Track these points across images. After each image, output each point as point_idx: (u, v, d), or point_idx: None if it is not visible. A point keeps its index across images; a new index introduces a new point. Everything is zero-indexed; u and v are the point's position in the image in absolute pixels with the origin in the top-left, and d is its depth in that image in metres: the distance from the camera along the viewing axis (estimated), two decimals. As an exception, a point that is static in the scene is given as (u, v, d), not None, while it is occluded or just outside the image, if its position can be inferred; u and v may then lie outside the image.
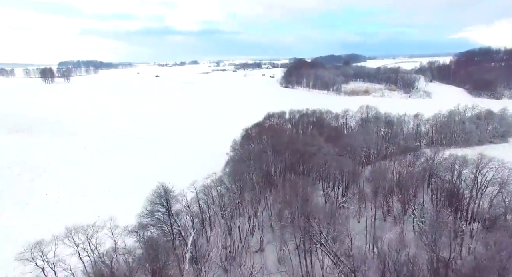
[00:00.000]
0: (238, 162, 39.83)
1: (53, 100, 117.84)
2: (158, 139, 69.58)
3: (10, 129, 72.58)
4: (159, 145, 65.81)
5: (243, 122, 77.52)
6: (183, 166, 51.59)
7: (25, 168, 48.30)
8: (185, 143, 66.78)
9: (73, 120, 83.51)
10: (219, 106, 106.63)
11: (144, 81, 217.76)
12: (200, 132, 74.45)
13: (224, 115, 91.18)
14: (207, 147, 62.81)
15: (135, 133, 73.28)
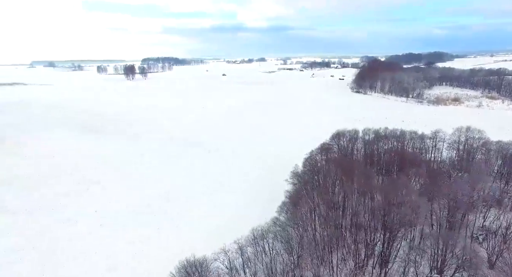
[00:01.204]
0: (298, 206, 32.89)
1: (126, 97, 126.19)
2: (215, 146, 66.23)
3: (83, 128, 77.74)
4: (216, 153, 62.27)
5: (309, 132, 69.79)
6: (234, 187, 46.54)
7: (80, 175, 49.02)
8: (243, 153, 61.87)
9: (138, 119, 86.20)
10: (283, 111, 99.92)
11: (211, 79, 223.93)
12: (260, 141, 68.97)
13: (288, 123, 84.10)
14: (267, 161, 56.82)
15: (192, 137, 71.35)
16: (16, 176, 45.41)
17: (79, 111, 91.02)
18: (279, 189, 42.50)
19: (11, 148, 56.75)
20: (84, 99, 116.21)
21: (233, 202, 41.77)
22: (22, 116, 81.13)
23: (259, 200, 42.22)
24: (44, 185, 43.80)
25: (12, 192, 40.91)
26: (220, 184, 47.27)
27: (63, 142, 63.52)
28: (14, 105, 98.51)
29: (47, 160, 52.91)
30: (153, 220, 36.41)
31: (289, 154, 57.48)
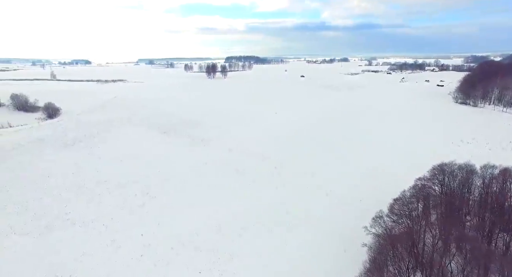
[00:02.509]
0: None
1: (201, 96, 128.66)
2: (282, 161, 58.90)
3: (161, 128, 79.60)
4: (282, 170, 55.00)
5: (397, 156, 56.61)
6: (299, 220, 38.43)
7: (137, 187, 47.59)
8: (309, 176, 53.15)
9: (206, 122, 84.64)
10: (363, 124, 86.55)
11: (288, 80, 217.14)
12: (332, 164, 59.09)
13: (369, 141, 71.41)
14: (338, 192, 47.03)
15: (258, 148, 65.36)
16: (83, 181, 45.94)
17: (155, 110, 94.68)
18: (354, 236, 33.00)
19: (90, 148, 59.64)
20: (162, 98, 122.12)
21: (295, 243, 33.93)
22: (108, 114, 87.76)
23: (327, 246, 33.38)
24: (107, 193, 43.12)
25: (76, 200, 40.87)
26: (282, 213, 39.88)
27: (135, 144, 64.77)
28: (107, 102, 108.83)
29: (116, 164, 53.37)
30: (198, 258, 31.19)
31: (370, 187, 46.51)
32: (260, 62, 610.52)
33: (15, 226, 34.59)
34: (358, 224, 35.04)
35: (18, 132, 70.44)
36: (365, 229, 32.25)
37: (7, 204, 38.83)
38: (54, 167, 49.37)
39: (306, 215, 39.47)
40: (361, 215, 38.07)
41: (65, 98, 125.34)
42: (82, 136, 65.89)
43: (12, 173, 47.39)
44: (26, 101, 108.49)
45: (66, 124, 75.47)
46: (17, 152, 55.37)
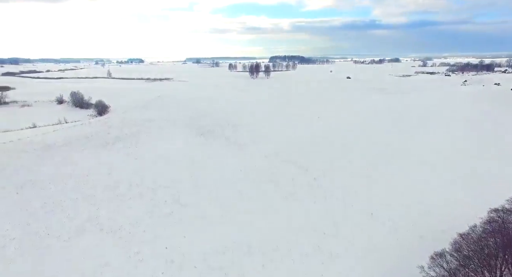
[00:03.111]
0: None
1: (241, 97, 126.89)
2: (323, 174, 53.88)
3: (199, 129, 78.98)
4: (322, 182, 50.12)
5: (461, 175, 48.11)
6: (337, 247, 33.59)
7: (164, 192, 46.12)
8: (354, 195, 47.49)
9: (244, 125, 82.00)
10: (421, 134, 77.49)
11: (333, 81, 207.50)
12: (383, 180, 52.56)
13: (426, 156, 63.15)
14: (387, 215, 41.01)
15: (296, 156, 60.88)
16: (117, 183, 45.76)
17: (194, 110, 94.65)
18: (405, 275, 27.48)
19: (128, 148, 60.32)
20: (202, 98, 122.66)
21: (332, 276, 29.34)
22: (151, 113, 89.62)
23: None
24: (138, 198, 42.28)
25: (107, 203, 40.48)
26: (320, 236, 35.35)
27: (171, 145, 64.31)
28: (152, 101, 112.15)
29: (150, 166, 52.87)
30: (222, 282, 28.20)
31: (424, 213, 39.73)
32: (305, 62, 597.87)
33: (50, 226, 34.79)
34: (410, 260, 29.35)
35: (71, 128, 74.40)
36: (421, 270, 26.60)
37: (47, 202, 39.59)
38: (93, 166, 50.19)
39: (348, 241, 34.44)
40: (414, 247, 32.15)
41: (115, 95, 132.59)
42: (123, 135, 67.27)
43: (57, 169, 49.01)
44: (82, 98, 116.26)
45: (111, 122, 78.19)
46: (65, 148, 57.77)
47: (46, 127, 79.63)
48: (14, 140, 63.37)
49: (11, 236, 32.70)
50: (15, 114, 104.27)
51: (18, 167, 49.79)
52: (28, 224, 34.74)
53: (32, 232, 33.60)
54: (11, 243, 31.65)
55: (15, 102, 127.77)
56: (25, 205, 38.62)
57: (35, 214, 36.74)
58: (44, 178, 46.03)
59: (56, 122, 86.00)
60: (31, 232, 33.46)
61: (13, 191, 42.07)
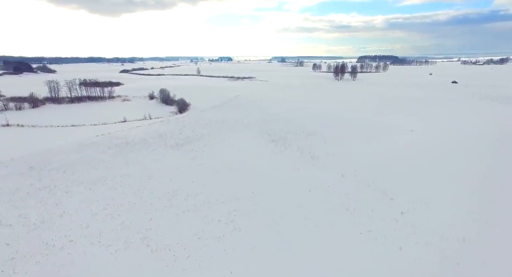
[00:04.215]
0: None
1: (319, 102, 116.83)
2: (413, 205, 42.36)
3: (271, 135, 73.95)
4: (414, 220, 39.04)
5: None
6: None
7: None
8: (464, 240, 35.07)
9: (323, 134, 73.11)
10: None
11: (434, 86, 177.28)
12: (499, 223, 38.15)
13: None
14: None
15: (383, 179, 49.91)
16: (176, 190, 43.83)
17: (269, 113, 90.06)
18: None
19: (195, 151, 59.08)
20: (279, 100, 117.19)
21: None
22: (225, 114, 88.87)
23: None
24: (193, 212, 39.31)
25: (161, 213, 38.51)
26: None
27: (239, 152, 60.78)
28: (229, 101, 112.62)
29: (212, 175, 49.95)
30: None
31: None
32: (398, 62, 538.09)
33: (104, 233, 34.15)
34: None
35: (151, 125, 78.60)
36: None
37: (109, 204, 39.80)
38: (158, 169, 49.87)
39: None
40: None
41: (198, 93, 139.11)
42: (194, 136, 66.94)
43: (127, 168, 50.32)
44: (168, 95, 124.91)
45: (186, 121, 79.73)
46: (139, 147, 59.98)
47: (132, 122, 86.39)
48: (105, 134, 69.24)
49: (70, 237, 32.85)
50: (115, 108, 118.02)
51: (98, 162, 52.99)
52: (87, 227, 34.76)
53: (88, 235, 33.30)
54: (67, 246, 31.64)
55: (119, 97, 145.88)
56: (91, 205, 39.47)
57: (96, 216, 36.90)
58: (114, 176, 47.45)
59: (142, 117, 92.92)
60: (87, 236, 33.17)
61: (87, 187, 44.08)
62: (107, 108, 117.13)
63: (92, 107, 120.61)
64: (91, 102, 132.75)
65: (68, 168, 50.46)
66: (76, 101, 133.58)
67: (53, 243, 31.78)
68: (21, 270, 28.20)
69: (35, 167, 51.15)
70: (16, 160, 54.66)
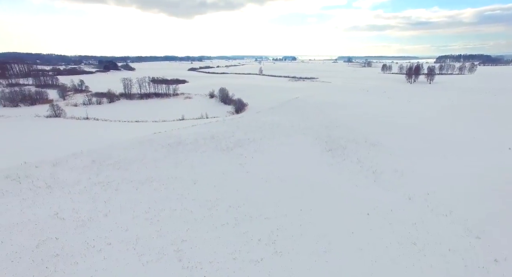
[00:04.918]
0: None
1: (393, 107, 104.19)
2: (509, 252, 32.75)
3: (328, 143, 67.75)
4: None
5: None
6: None
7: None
8: None
9: (388, 145, 63.89)
10: None
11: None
12: None
13: None
14: None
15: (464, 209, 40.37)
16: (219, 200, 41.49)
17: (327, 119, 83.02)
18: None
19: (244, 157, 56.46)
20: (340, 104, 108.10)
21: None
22: (280, 117, 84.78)
23: None
24: (232, 227, 36.45)
25: (199, 225, 36.43)
26: None
27: (291, 160, 56.28)
28: (287, 102, 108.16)
29: (259, 185, 46.55)
30: None
31: None
32: (491, 62, 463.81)
33: (140, 240, 33.31)
34: None
35: (206, 124, 78.89)
36: None
37: (151, 207, 39.32)
38: (204, 173, 48.38)
39: None
40: None
41: (257, 93, 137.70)
42: (245, 139, 64.50)
43: (175, 170, 50.04)
44: (227, 94, 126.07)
45: (240, 123, 77.94)
46: (190, 147, 59.81)
47: (189, 120, 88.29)
48: (162, 132, 71.33)
49: (109, 240, 32.70)
50: (177, 105, 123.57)
51: (150, 160, 54.00)
52: (126, 230, 34.39)
53: (125, 240, 32.78)
54: (104, 249, 31.43)
55: (182, 94, 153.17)
56: (135, 206, 39.47)
57: (136, 219, 36.52)
58: (162, 177, 47.41)
59: (199, 116, 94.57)
60: (124, 240, 32.66)
61: (135, 186, 44.67)
62: (169, 105, 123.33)
63: (157, 104, 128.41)
64: (157, 99, 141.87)
65: (123, 164, 52.35)
66: (144, 97, 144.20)
67: (93, 244, 31.88)
68: (61, 269, 28.53)
69: (97, 161, 54.30)
70: (84, 153, 59.02)
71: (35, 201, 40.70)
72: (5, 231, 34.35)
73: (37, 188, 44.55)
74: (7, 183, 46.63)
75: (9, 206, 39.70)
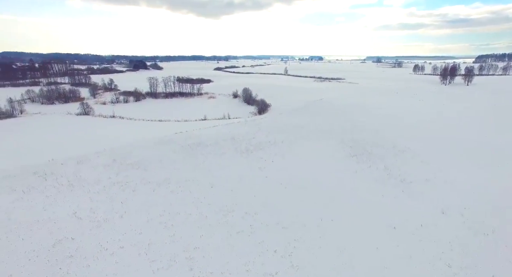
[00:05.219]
0: None
1: (425, 110, 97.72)
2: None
3: (352, 147, 64.43)
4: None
5: None
6: None
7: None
8: None
9: (417, 152, 59.37)
10: None
11: None
12: None
13: None
14: None
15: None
16: (234, 205, 40.06)
17: (353, 121, 79.11)
18: None
19: (264, 160, 54.69)
20: (368, 106, 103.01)
21: None
22: (304, 119, 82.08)
23: None
24: (247, 235, 34.87)
25: (212, 232, 35.15)
26: None
27: (313, 165, 53.76)
28: (311, 104, 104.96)
29: (277, 192, 44.64)
30: None
31: None
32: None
33: (152, 244, 32.62)
34: None
35: (228, 125, 78.07)
36: None
37: (166, 211, 38.69)
38: (221, 177, 47.21)
39: None
40: None
41: (280, 93, 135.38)
42: (266, 142, 62.71)
43: (192, 172, 49.34)
44: (250, 95, 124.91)
45: (262, 124, 76.26)
46: (209, 149, 59.01)
47: (211, 120, 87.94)
48: (183, 132, 71.33)
49: (122, 243, 32.27)
50: (200, 105, 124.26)
51: (169, 161, 53.76)
52: (140, 233, 33.88)
53: (138, 244, 32.21)
54: (117, 253, 31.00)
55: (206, 94, 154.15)
56: (150, 208, 39.02)
57: (151, 223, 35.96)
58: (179, 179, 46.84)
59: (221, 116, 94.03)
60: (137, 244, 32.10)
61: (152, 188, 44.38)
62: (193, 104, 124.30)
63: (181, 103, 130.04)
64: (181, 98, 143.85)
65: (142, 164, 52.51)
66: (169, 96, 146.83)
67: (107, 247, 31.57)
68: (73, 271, 28.35)
69: (117, 160, 54.96)
70: (106, 152, 60.13)
71: (57, 199, 41.50)
72: (27, 228, 35.09)
73: (60, 185, 45.56)
74: (34, 179, 48.23)
75: (33, 203, 40.79)
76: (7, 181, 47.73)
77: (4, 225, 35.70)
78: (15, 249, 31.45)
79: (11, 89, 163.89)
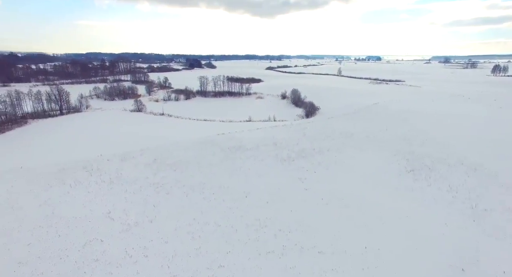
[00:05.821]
0: None
1: (497, 121, 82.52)
2: None
3: (409, 161, 56.44)
4: None
5: None
6: None
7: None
8: None
9: (493, 169, 49.09)
10: None
11: None
12: None
13: None
14: None
15: None
16: (268, 220, 36.62)
17: (412, 131, 69.55)
18: None
19: (306, 170, 50.25)
20: (430, 113, 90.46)
21: None
22: (354, 125, 74.99)
23: None
24: (277, 257, 31.27)
25: (242, 247, 32.26)
26: None
27: (361, 178, 47.78)
28: (364, 109, 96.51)
29: (318, 207, 40.14)
30: None
31: None
32: None
33: (176, 255, 30.92)
34: None
35: (271, 128, 74.92)
36: None
37: (196, 219, 37.07)
38: (258, 185, 44.19)
39: None
40: None
41: (331, 96, 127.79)
42: (310, 149, 57.99)
43: (228, 178, 47.25)
44: (299, 96, 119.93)
45: (308, 129, 71.52)
46: (248, 154, 56.43)
47: (256, 122, 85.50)
48: (225, 133, 70.05)
49: (147, 251, 31.12)
50: (247, 105, 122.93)
51: (207, 164, 52.41)
52: (166, 242, 32.51)
53: (162, 254, 30.75)
54: (140, 261, 29.85)
55: (254, 94, 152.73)
56: (180, 215, 37.67)
57: (178, 231, 34.45)
58: (214, 184, 45.00)
59: (266, 118, 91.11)
60: (161, 255, 30.64)
61: (185, 192, 43.23)
62: (240, 104, 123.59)
63: (228, 103, 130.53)
64: (230, 97, 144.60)
65: (180, 166, 51.99)
66: (218, 95, 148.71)
67: (131, 253, 30.66)
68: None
69: (158, 159, 55.40)
70: (149, 150, 61.36)
71: (97, 196, 42.56)
72: (65, 224, 36.13)
73: (102, 182, 46.95)
74: (82, 174, 50.65)
75: (76, 198, 42.35)
76: (62, 174, 50.88)
77: (48, 219, 37.31)
78: (51, 245, 32.26)
79: (84, 86, 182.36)
